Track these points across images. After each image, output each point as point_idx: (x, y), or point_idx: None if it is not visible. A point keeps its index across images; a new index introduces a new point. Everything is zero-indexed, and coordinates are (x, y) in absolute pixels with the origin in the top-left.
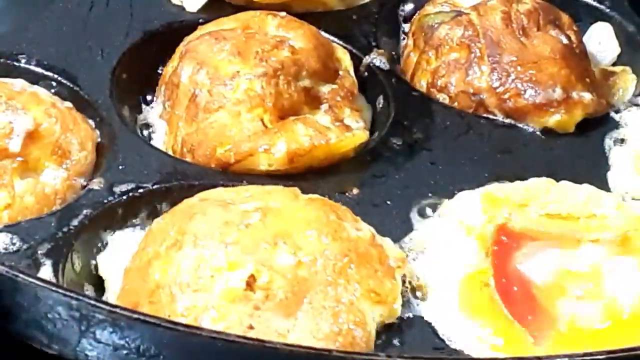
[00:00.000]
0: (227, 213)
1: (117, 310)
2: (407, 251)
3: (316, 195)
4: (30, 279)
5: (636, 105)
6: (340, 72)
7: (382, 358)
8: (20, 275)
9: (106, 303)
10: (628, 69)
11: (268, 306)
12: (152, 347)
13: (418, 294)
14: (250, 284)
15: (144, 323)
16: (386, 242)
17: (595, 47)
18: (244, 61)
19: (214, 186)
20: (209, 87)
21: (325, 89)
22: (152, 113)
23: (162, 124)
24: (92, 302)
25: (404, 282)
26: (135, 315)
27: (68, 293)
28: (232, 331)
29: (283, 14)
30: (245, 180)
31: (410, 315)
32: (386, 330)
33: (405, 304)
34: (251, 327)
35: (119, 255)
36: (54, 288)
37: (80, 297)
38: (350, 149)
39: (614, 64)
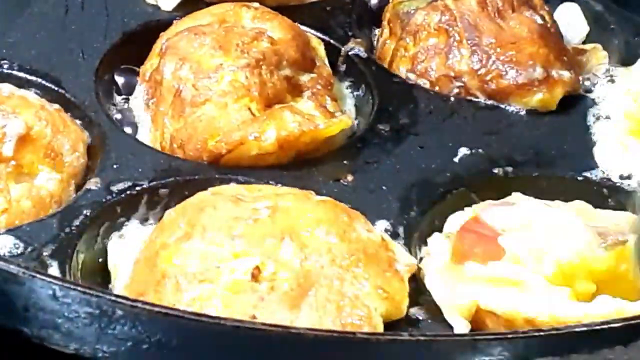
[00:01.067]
0: (237, 208)
1: (138, 304)
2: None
3: (328, 198)
4: (47, 278)
5: (611, 80)
6: (317, 62)
7: (405, 337)
8: (38, 275)
9: (126, 298)
10: (599, 46)
11: (272, 298)
12: (174, 339)
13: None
14: (256, 275)
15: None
16: (397, 247)
17: (564, 27)
18: (226, 54)
19: (209, 180)
20: (194, 82)
21: (305, 78)
22: (133, 111)
23: (145, 122)
24: (113, 297)
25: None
26: (156, 309)
27: (88, 290)
28: None
29: (256, 4)
30: (239, 172)
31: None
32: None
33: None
34: (254, 317)
35: (127, 248)
36: (72, 286)
37: (101, 294)
38: (337, 133)
39: (583, 43)
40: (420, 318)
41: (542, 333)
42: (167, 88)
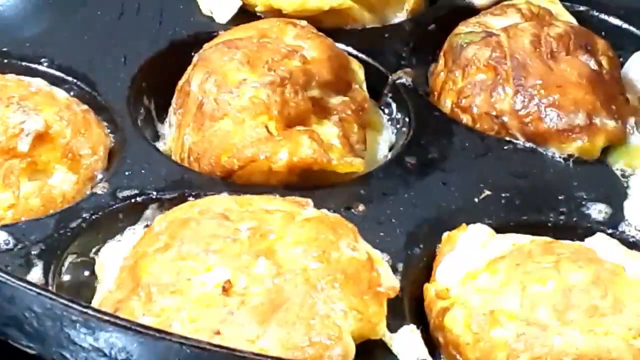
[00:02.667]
0: (218, 228)
1: (89, 311)
2: None
3: (321, 212)
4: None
5: None
6: (353, 85)
7: None
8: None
9: (79, 304)
10: None
11: (242, 312)
12: (124, 351)
13: None
14: (227, 288)
15: (113, 325)
16: (384, 269)
17: (635, 76)
18: (253, 69)
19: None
20: (215, 95)
21: (335, 101)
22: (166, 122)
23: (171, 132)
24: (66, 302)
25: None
26: (106, 317)
27: (43, 292)
28: (199, 334)
29: (304, 22)
30: (250, 190)
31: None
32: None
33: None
34: (218, 333)
35: (116, 253)
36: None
37: (54, 298)
38: (345, 172)
39: None
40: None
41: None
42: (193, 100)
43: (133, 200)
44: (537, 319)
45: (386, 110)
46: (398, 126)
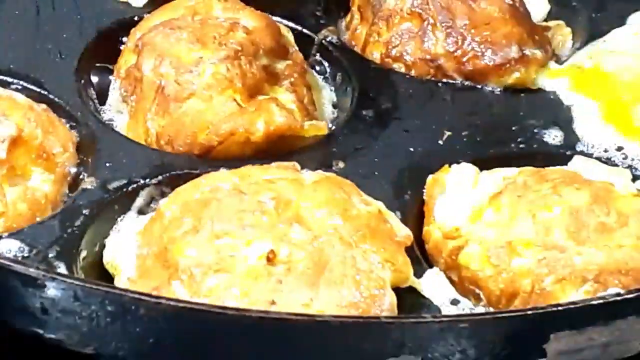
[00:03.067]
0: (242, 203)
1: (162, 301)
2: None
3: (319, 173)
4: (68, 279)
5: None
6: (290, 49)
7: (429, 319)
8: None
9: (149, 295)
10: (562, 23)
11: (290, 279)
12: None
13: None
14: (271, 258)
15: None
16: (393, 218)
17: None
18: (204, 47)
19: (202, 174)
20: (175, 77)
21: (281, 66)
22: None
23: (121, 119)
24: (136, 295)
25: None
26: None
27: (110, 290)
28: (255, 307)
29: None
30: (231, 164)
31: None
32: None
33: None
34: (273, 302)
35: (124, 242)
36: (93, 286)
37: (123, 292)
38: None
39: (545, 21)
40: None
41: (561, 307)
42: (148, 85)
43: (125, 190)
44: (554, 243)
45: (317, 69)
46: (335, 83)
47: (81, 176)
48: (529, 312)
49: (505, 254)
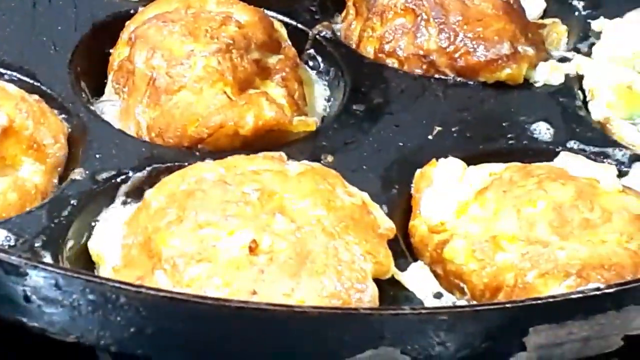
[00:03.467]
0: (226, 194)
1: (142, 290)
2: None
3: (305, 164)
4: (50, 267)
5: (576, 51)
6: (283, 43)
7: (408, 312)
8: (40, 265)
9: (130, 284)
10: (558, 20)
11: (272, 269)
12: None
13: None
14: (253, 248)
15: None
16: (377, 211)
17: (522, 3)
18: (196, 40)
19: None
20: (167, 69)
21: (273, 60)
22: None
23: (114, 111)
24: (116, 284)
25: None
26: (162, 294)
27: (91, 278)
28: (236, 297)
29: None
30: (221, 157)
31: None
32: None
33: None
34: (255, 292)
35: (109, 231)
36: (74, 274)
37: (104, 281)
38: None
39: (541, 18)
40: None
41: (540, 301)
42: (140, 77)
43: (113, 181)
44: (537, 238)
45: (311, 64)
46: (328, 78)
47: (71, 167)
48: (508, 306)
49: (490, 249)
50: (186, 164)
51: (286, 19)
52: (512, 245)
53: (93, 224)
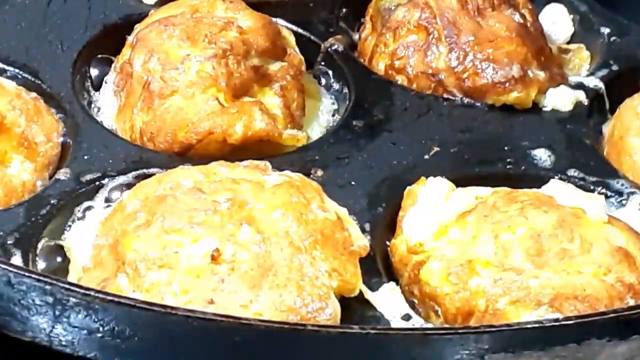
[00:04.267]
0: (197, 201)
1: (91, 293)
2: None
3: (286, 175)
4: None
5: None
6: (288, 50)
7: (356, 331)
8: None
9: (80, 287)
10: (582, 46)
11: (233, 279)
12: (127, 329)
13: None
14: (216, 257)
15: (118, 305)
16: (353, 227)
17: (550, 27)
18: (194, 44)
19: None
20: (161, 73)
21: (275, 67)
22: (102, 103)
23: (111, 114)
24: (66, 285)
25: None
26: (109, 297)
27: (42, 278)
28: (192, 305)
29: None
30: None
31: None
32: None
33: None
34: (212, 302)
35: (84, 230)
36: (27, 274)
37: (54, 282)
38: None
39: (567, 43)
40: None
41: (493, 329)
42: (137, 80)
43: (97, 183)
44: (512, 265)
45: (322, 79)
46: (337, 93)
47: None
48: (460, 331)
49: (464, 273)
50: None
51: (300, 30)
52: (486, 270)
53: (71, 223)
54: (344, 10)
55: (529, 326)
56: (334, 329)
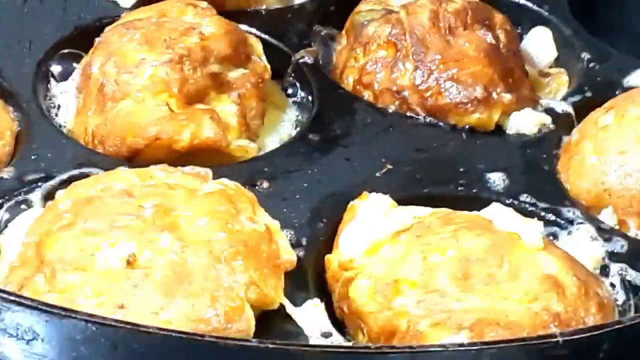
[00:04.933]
0: (122, 205)
1: None
2: None
3: (222, 184)
4: None
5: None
6: (253, 57)
7: (254, 344)
8: None
9: None
10: (563, 70)
11: (146, 285)
12: (31, 330)
13: None
14: (131, 262)
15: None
16: (283, 241)
17: (534, 50)
18: (151, 49)
19: None
20: (115, 77)
21: (235, 74)
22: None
23: (71, 115)
24: None
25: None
26: (11, 298)
27: None
28: (103, 309)
29: (204, 4)
30: None
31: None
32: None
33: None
34: (122, 306)
35: (19, 229)
36: None
37: None
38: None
39: (550, 67)
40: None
41: (392, 350)
42: (94, 82)
43: (39, 184)
44: (436, 287)
45: (290, 90)
46: (302, 105)
47: None
48: (361, 350)
49: (390, 292)
50: None
51: (273, 41)
52: (411, 291)
53: (7, 222)
54: (320, 23)
55: (431, 349)
56: (232, 342)
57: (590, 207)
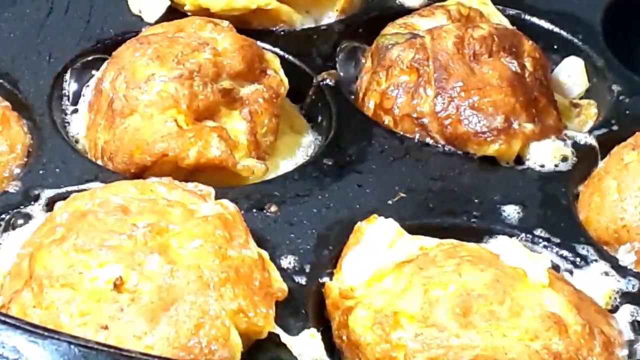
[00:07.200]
0: (115, 223)
1: None
2: None
3: (221, 205)
4: None
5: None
6: (268, 72)
7: None
8: None
9: None
10: (593, 102)
11: (132, 309)
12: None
13: None
14: (118, 285)
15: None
16: (273, 271)
17: (565, 80)
18: (162, 64)
19: None
20: (125, 92)
21: (248, 90)
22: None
23: (83, 131)
24: None
25: None
26: None
27: None
28: (86, 328)
29: (225, 23)
30: None
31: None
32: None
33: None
34: (106, 327)
35: (17, 242)
36: None
37: None
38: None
39: (581, 98)
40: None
41: None
42: (105, 98)
43: (45, 199)
44: (435, 321)
45: (310, 114)
46: (321, 128)
47: None
48: None
49: (388, 325)
50: None
51: (297, 62)
52: (410, 324)
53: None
54: (345, 44)
55: None
56: None
57: (609, 243)
